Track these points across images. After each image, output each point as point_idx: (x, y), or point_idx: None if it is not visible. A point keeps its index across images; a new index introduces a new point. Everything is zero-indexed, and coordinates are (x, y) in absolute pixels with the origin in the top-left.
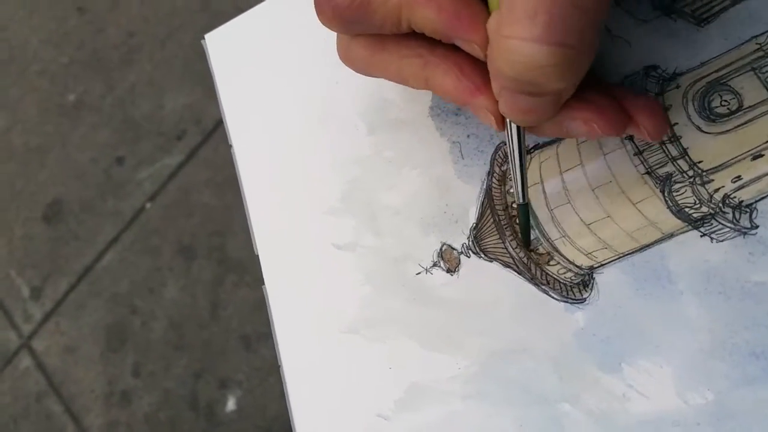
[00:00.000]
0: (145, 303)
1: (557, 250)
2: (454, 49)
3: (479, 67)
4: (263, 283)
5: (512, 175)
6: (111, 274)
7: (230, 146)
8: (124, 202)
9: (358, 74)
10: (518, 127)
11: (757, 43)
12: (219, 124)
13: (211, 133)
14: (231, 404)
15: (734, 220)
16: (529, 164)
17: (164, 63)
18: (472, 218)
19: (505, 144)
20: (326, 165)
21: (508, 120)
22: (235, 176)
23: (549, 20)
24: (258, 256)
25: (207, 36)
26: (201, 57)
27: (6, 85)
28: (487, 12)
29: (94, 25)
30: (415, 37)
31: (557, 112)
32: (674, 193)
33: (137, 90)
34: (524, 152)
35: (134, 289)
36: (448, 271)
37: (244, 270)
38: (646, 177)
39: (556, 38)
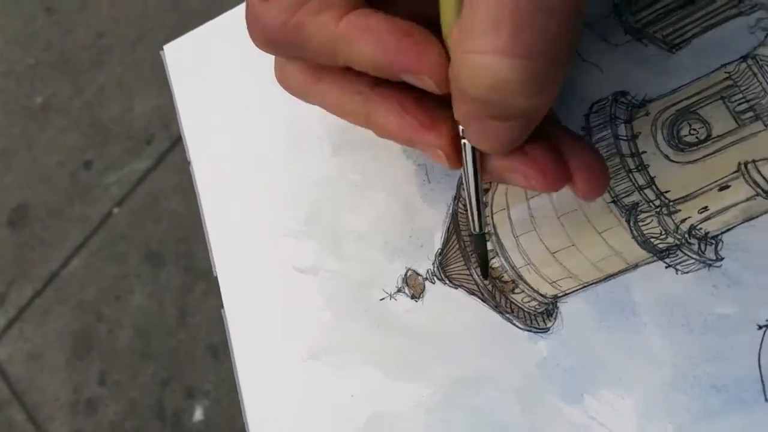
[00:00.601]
0: (112, 310)
1: (522, 278)
2: (399, 85)
3: (425, 103)
4: (222, 307)
5: (468, 206)
6: (77, 281)
7: (189, 163)
8: (91, 207)
9: None
10: (473, 157)
11: (726, 72)
12: None
13: (180, 139)
14: (198, 414)
15: (699, 252)
16: (496, 189)
17: (134, 66)
18: (438, 243)
19: None
20: (289, 186)
21: (464, 147)
22: None
23: (514, 29)
24: (216, 277)
25: (165, 47)
26: None
27: None
28: (436, 37)
29: (63, 26)
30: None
31: (525, 137)
32: (640, 223)
33: (106, 93)
34: (480, 182)
35: (101, 295)
36: (413, 297)
37: (213, 278)
38: (612, 206)
39: (522, 50)
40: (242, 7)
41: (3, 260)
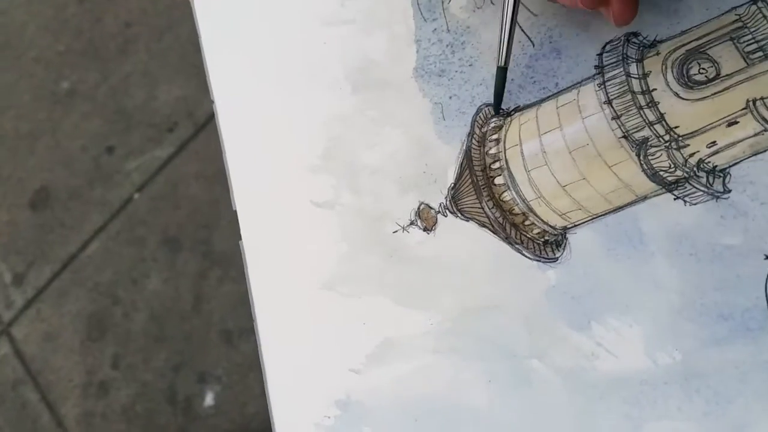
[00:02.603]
0: (128, 293)
1: (532, 211)
2: None
3: None
4: (240, 238)
5: (500, 38)
6: (95, 264)
7: (212, 102)
8: (112, 192)
9: (345, 35)
10: None
11: (736, 14)
12: (211, 117)
13: (202, 127)
14: (209, 399)
15: (708, 184)
16: (510, 126)
17: (160, 55)
18: (451, 178)
19: (488, 105)
20: (309, 123)
21: None
22: (224, 171)
23: None
24: (236, 212)
25: None
26: (197, 50)
27: (0, 71)
28: None
29: (93, 14)
30: None
31: None
32: (650, 157)
33: (131, 80)
34: (516, 15)
35: (117, 279)
36: (425, 229)
37: (229, 264)
38: (623, 141)
39: None
40: None
41: (23, 241)
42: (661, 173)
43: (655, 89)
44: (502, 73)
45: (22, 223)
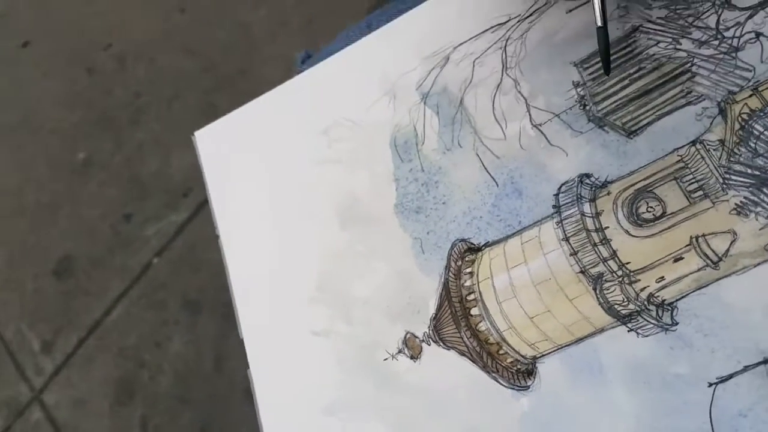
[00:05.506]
0: (152, 357)
1: (505, 341)
2: None
3: None
4: (248, 367)
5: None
6: (119, 328)
7: (217, 237)
8: (132, 258)
9: (333, 174)
10: None
11: (678, 155)
12: None
13: None
14: None
15: (657, 318)
16: (481, 261)
17: (171, 122)
18: (432, 309)
19: (461, 241)
20: (305, 258)
21: None
22: None
23: None
24: (243, 340)
25: (197, 133)
26: (206, 116)
27: (19, 145)
28: None
29: (103, 86)
30: None
31: None
32: (605, 291)
33: (144, 148)
34: None
35: (141, 342)
36: (412, 357)
37: None
38: (581, 276)
39: None
40: (264, 97)
41: (49, 309)
42: (616, 307)
43: (608, 227)
44: (603, 33)
45: (48, 292)
